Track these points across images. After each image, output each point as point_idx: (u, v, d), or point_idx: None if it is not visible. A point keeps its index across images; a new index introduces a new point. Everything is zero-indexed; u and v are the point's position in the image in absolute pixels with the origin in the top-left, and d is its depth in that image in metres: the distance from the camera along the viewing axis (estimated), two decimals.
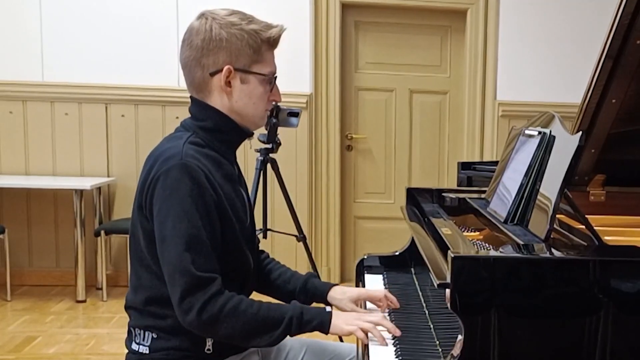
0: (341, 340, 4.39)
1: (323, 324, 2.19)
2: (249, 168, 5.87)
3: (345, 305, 2.50)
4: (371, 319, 2.22)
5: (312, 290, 2.56)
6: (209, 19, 2.21)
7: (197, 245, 2.09)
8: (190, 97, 2.33)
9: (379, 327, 2.20)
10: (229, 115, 2.28)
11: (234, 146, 2.39)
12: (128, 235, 2.36)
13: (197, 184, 2.11)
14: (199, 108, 2.30)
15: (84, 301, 6.09)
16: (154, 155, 2.25)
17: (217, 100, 2.27)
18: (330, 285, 2.58)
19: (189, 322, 2.09)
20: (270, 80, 2.31)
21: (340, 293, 2.53)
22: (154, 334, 2.25)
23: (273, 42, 2.28)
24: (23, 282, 6.49)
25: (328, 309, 2.25)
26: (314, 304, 2.43)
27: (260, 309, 2.14)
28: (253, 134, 2.44)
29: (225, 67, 2.20)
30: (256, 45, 2.23)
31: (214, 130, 2.28)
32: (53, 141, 6.45)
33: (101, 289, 6.24)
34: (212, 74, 2.23)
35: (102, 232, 6.13)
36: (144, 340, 2.27)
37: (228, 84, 2.23)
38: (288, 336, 2.19)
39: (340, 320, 2.21)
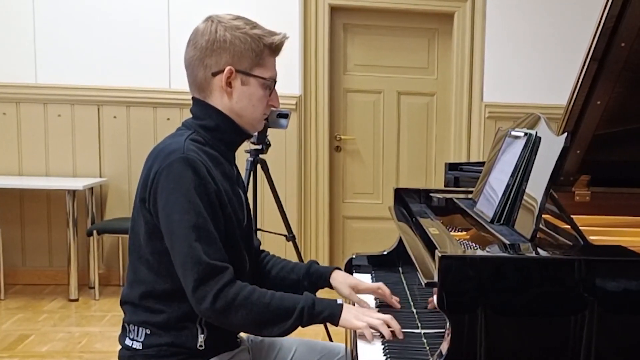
0: (330, 339, 4.44)
1: (333, 316, 2.21)
2: (239, 169, 5.91)
3: (344, 289, 2.56)
4: (381, 317, 2.23)
5: (316, 275, 2.61)
6: (215, 22, 2.26)
7: (206, 235, 2.12)
8: (192, 98, 2.36)
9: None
10: (229, 115, 2.32)
11: (234, 146, 2.43)
12: (120, 235, 2.38)
13: (199, 176, 2.14)
14: (200, 107, 2.34)
15: (77, 300, 6.11)
16: (156, 150, 2.28)
17: (218, 100, 2.30)
18: (333, 269, 2.63)
19: (203, 310, 2.12)
20: (270, 85, 2.34)
21: (343, 277, 2.61)
22: (147, 330, 2.27)
23: (275, 49, 2.33)
24: (16, 281, 6.52)
25: (339, 301, 2.26)
26: (319, 295, 2.46)
27: (272, 299, 2.16)
28: (252, 135, 2.50)
29: (227, 68, 2.24)
30: (258, 49, 2.28)
31: (214, 129, 2.32)
32: (46, 142, 6.47)
33: (93, 287, 6.26)
34: (214, 74, 2.27)
35: (95, 232, 6.12)
36: (137, 335, 2.29)
37: (229, 84, 2.27)
38: (300, 326, 2.19)
39: (350, 315, 2.21)
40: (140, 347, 2.28)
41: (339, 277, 2.61)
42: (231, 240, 2.27)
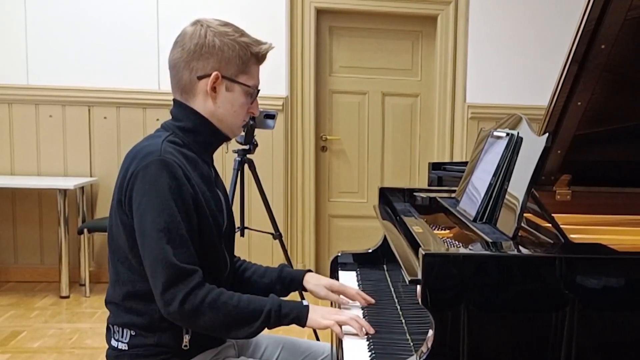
0: (317, 338, 4.42)
1: (300, 318, 2.22)
2: (227, 168, 5.97)
3: (320, 290, 2.57)
4: (348, 314, 2.25)
5: (288, 278, 2.61)
6: (204, 26, 2.25)
7: (177, 238, 2.10)
8: (173, 99, 2.35)
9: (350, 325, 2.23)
10: (208, 119, 2.31)
11: (211, 149, 2.41)
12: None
13: (175, 179, 2.12)
14: (180, 109, 2.32)
15: (68, 297, 6.15)
16: (132, 152, 2.27)
17: (200, 104, 2.29)
18: (305, 272, 2.63)
19: (170, 313, 2.11)
20: (252, 93, 2.35)
21: (316, 279, 2.61)
22: (132, 331, 2.26)
23: (261, 58, 2.33)
24: (9, 279, 6.58)
25: (305, 302, 2.26)
26: (291, 296, 2.46)
27: (240, 302, 2.16)
28: (230, 138, 2.46)
29: (214, 73, 2.24)
30: (245, 57, 2.28)
31: (192, 131, 2.31)
32: (38, 142, 6.52)
33: (84, 285, 6.29)
34: (200, 78, 2.26)
35: (85, 230, 6.18)
36: (122, 337, 2.28)
37: (213, 89, 2.26)
38: (266, 328, 2.20)
39: (317, 315, 2.22)
40: (126, 348, 2.28)
41: (312, 280, 2.61)
42: (209, 240, 2.26)
